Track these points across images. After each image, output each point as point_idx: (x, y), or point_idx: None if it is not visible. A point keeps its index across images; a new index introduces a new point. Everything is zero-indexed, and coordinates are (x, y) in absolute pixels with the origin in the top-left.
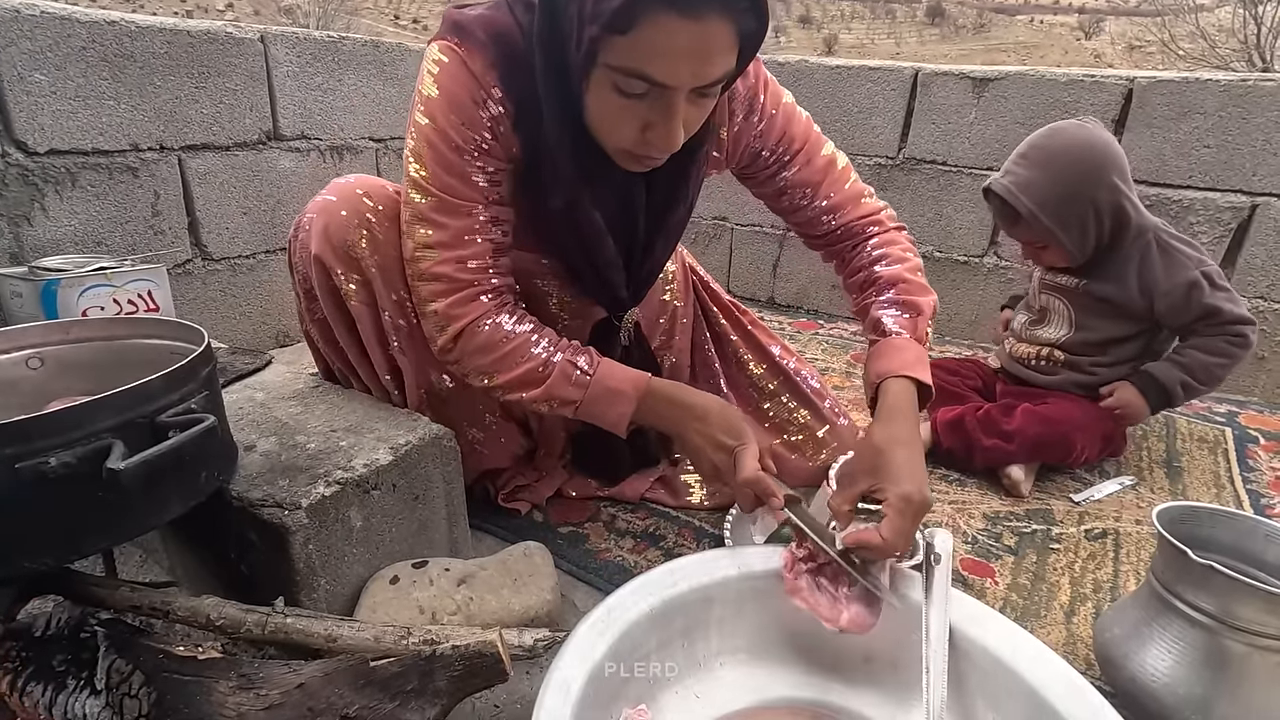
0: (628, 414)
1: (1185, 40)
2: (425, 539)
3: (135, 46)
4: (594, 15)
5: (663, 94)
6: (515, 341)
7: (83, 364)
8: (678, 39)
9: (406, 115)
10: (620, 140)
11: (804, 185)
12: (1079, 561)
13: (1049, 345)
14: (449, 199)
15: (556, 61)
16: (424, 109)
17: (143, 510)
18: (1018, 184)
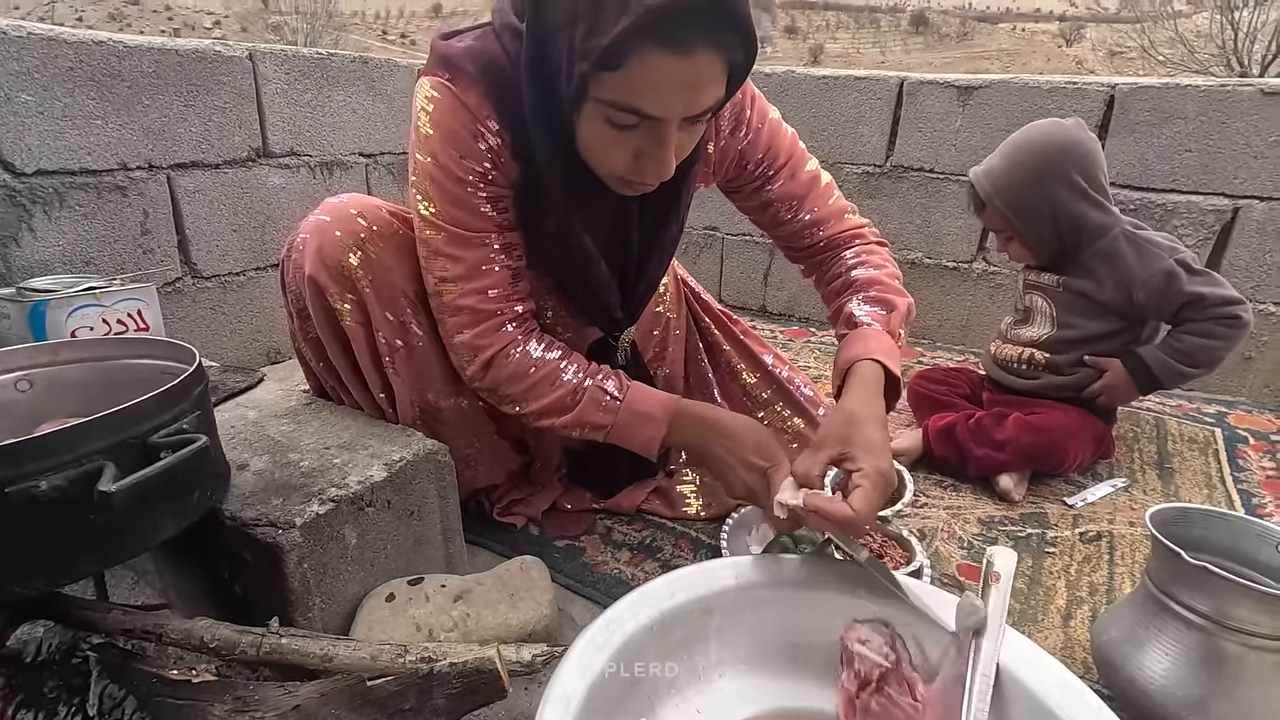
0: (658, 437)
1: (1165, 46)
2: (421, 555)
3: (123, 66)
4: (584, 53)
5: (654, 125)
6: (545, 369)
7: (72, 385)
8: (668, 73)
9: (396, 131)
10: (613, 168)
11: (789, 199)
12: (1074, 565)
13: (1030, 345)
14: (460, 232)
15: (546, 92)
16: (423, 147)
17: (135, 532)
18: (986, 171)
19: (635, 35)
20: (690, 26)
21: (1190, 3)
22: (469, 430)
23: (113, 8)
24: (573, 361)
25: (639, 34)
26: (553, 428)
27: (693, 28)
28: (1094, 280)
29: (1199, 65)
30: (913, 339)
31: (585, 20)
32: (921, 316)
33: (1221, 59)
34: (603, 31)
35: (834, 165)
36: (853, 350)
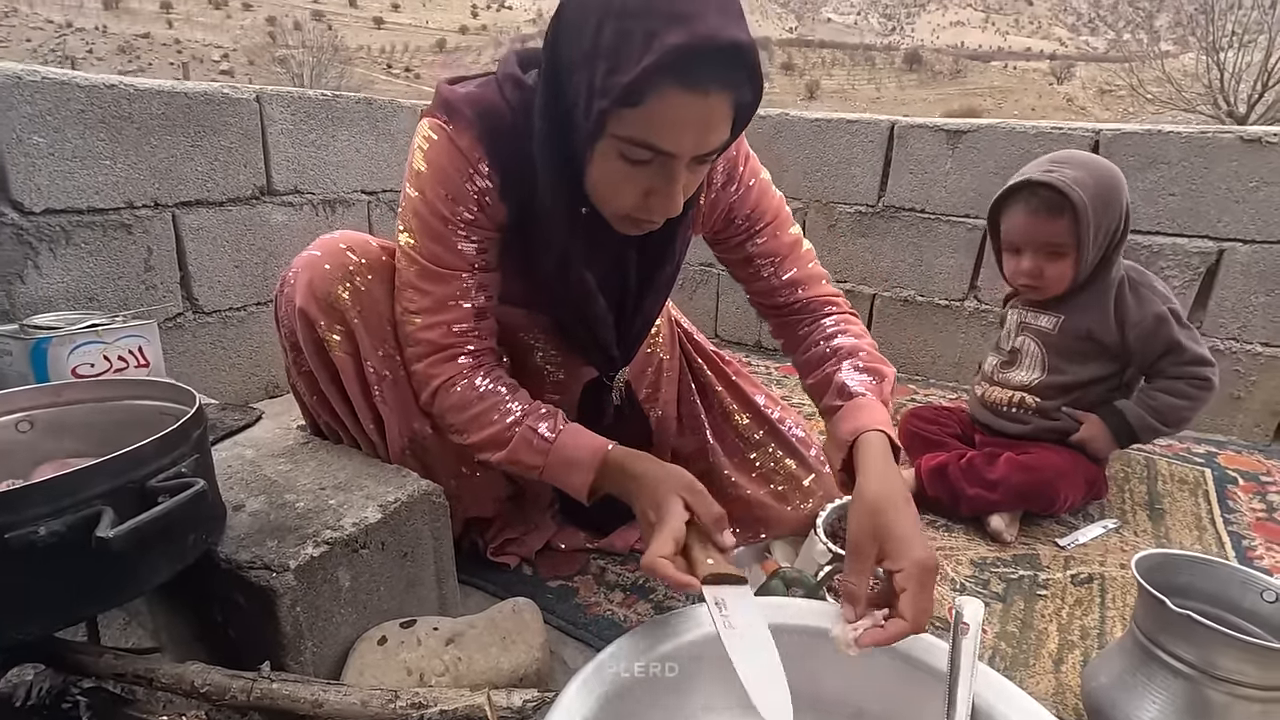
0: (586, 484)
1: (1152, 85)
2: (414, 597)
3: (133, 108)
4: (605, 89)
5: (666, 162)
6: (487, 401)
7: (73, 425)
8: (683, 112)
9: (398, 169)
10: (621, 206)
11: (770, 256)
12: (1066, 608)
13: (1021, 389)
14: (433, 267)
15: (558, 131)
16: (413, 183)
17: (131, 577)
18: (1075, 179)
19: (657, 74)
20: (707, 67)
21: (1177, 44)
22: (455, 460)
23: (123, 41)
24: (517, 399)
25: (660, 72)
26: (493, 463)
27: (709, 68)
28: (1098, 316)
29: (1186, 104)
30: (905, 376)
31: (606, 59)
32: (914, 354)
33: (1208, 98)
34: (625, 69)
35: (827, 204)
36: (857, 421)
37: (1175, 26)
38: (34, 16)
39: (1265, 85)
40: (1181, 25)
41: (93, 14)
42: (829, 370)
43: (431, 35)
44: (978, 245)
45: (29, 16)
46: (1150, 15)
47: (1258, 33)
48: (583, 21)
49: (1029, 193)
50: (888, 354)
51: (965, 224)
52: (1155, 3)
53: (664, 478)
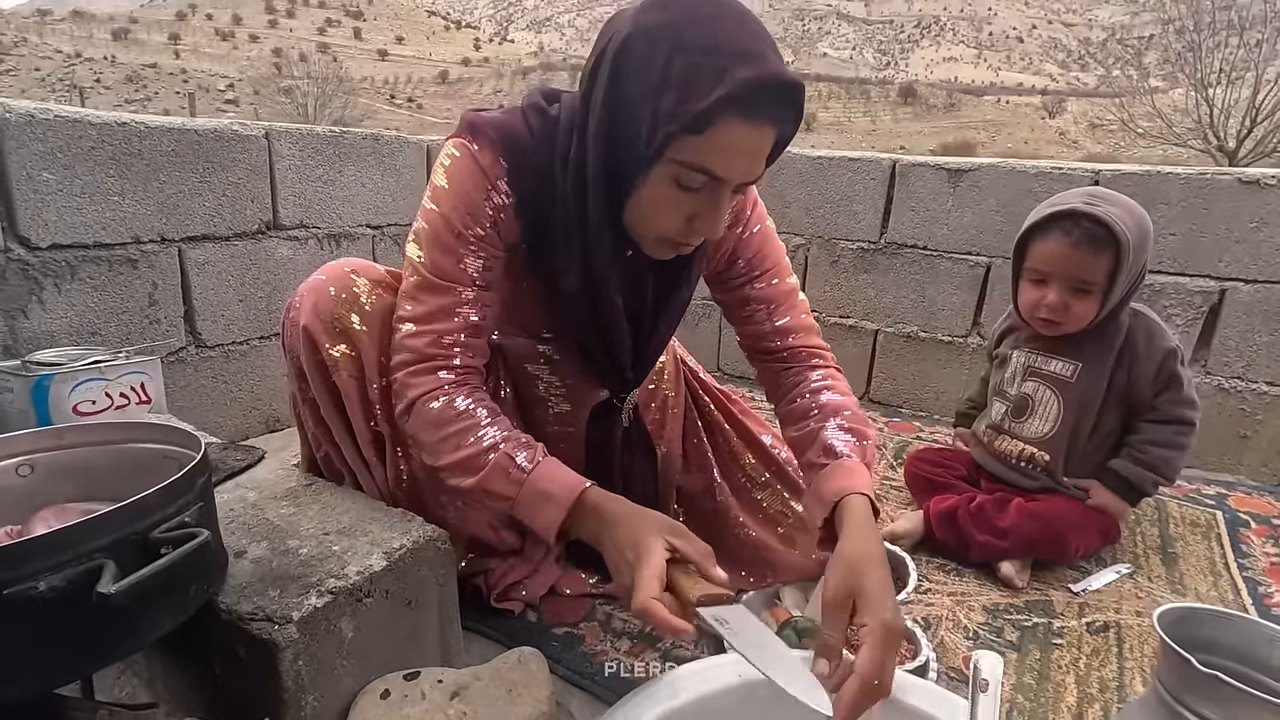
0: (556, 522)
1: (1143, 119)
2: (417, 646)
3: (143, 145)
4: (673, 116)
5: (714, 188)
6: (463, 422)
7: (74, 469)
8: (741, 141)
9: (404, 203)
10: (665, 228)
11: (766, 301)
12: (1083, 658)
13: (1033, 443)
14: (435, 279)
15: (613, 156)
16: (432, 196)
17: (131, 631)
18: (1114, 216)
19: (726, 105)
20: (767, 101)
21: (1165, 80)
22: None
23: (130, 70)
24: (496, 424)
25: (729, 104)
26: (462, 491)
27: (767, 102)
28: (1110, 364)
29: (1177, 138)
30: (909, 413)
31: (675, 90)
32: (917, 390)
33: (1198, 132)
34: (696, 99)
35: (830, 240)
36: (840, 482)
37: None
38: (43, 46)
39: (1254, 121)
40: (1170, 62)
41: (102, 44)
42: (813, 426)
43: (434, 67)
44: (980, 282)
45: (38, 46)
46: (1139, 52)
47: (1245, 70)
48: (651, 57)
49: (1071, 223)
50: (890, 390)
51: (967, 261)
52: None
53: (644, 518)
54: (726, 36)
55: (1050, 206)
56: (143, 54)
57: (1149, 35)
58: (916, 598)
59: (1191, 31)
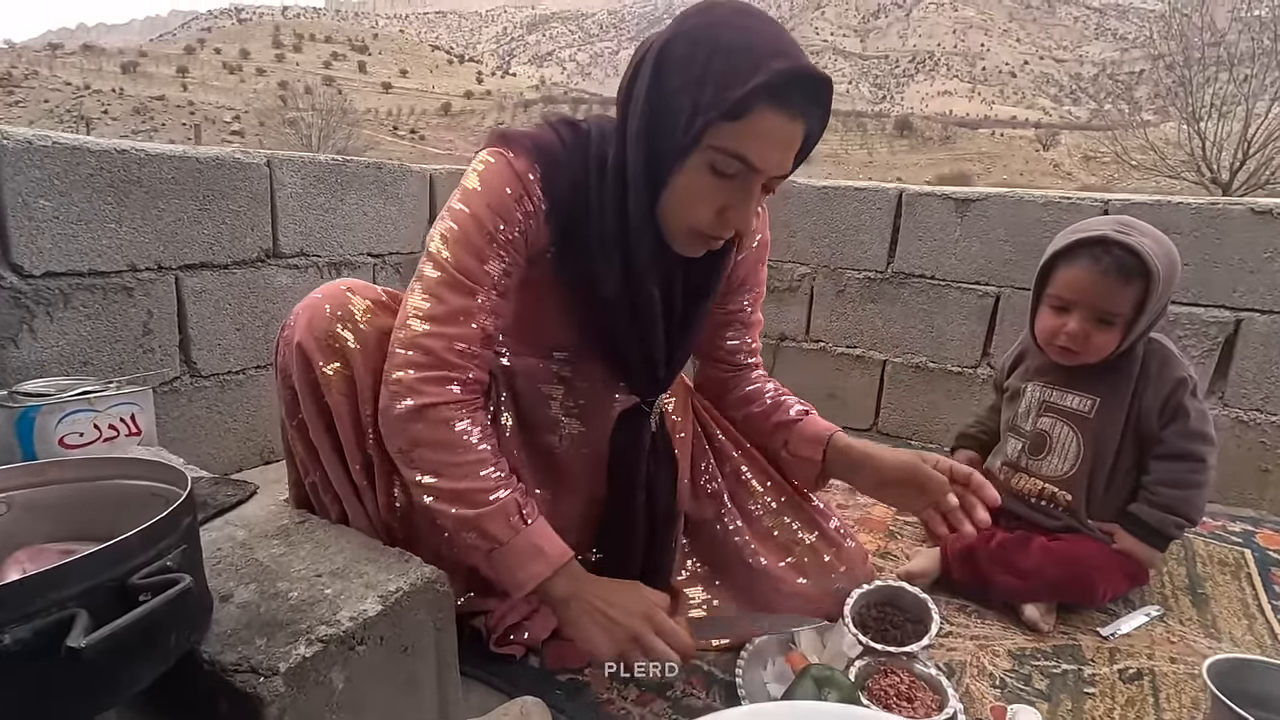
0: (541, 575)
1: (1137, 152)
2: (413, 696)
3: (142, 173)
4: (712, 104)
5: (747, 178)
6: (473, 455)
7: (54, 506)
8: (775, 130)
9: (406, 231)
10: (697, 219)
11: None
12: (1118, 709)
13: (1053, 482)
14: (459, 277)
15: (652, 150)
16: (462, 197)
17: (104, 687)
18: (1145, 247)
19: (761, 93)
20: (799, 94)
21: (1157, 113)
22: None
23: (138, 103)
24: (500, 465)
25: (764, 92)
26: (439, 516)
27: (801, 95)
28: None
29: (1170, 170)
30: (919, 444)
31: (714, 81)
32: (926, 422)
33: (1191, 165)
34: (734, 87)
35: (836, 270)
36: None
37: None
38: (53, 79)
39: (1246, 154)
40: (1161, 97)
41: (110, 77)
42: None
43: (437, 100)
44: (990, 312)
45: (48, 79)
46: (1129, 87)
47: (1235, 104)
48: (692, 56)
49: (1101, 250)
50: (899, 421)
51: (976, 291)
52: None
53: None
54: (761, 38)
55: (1079, 232)
56: (150, 86)
57: (1139, 70)
58: (938, 642)
59: (1181, 67)
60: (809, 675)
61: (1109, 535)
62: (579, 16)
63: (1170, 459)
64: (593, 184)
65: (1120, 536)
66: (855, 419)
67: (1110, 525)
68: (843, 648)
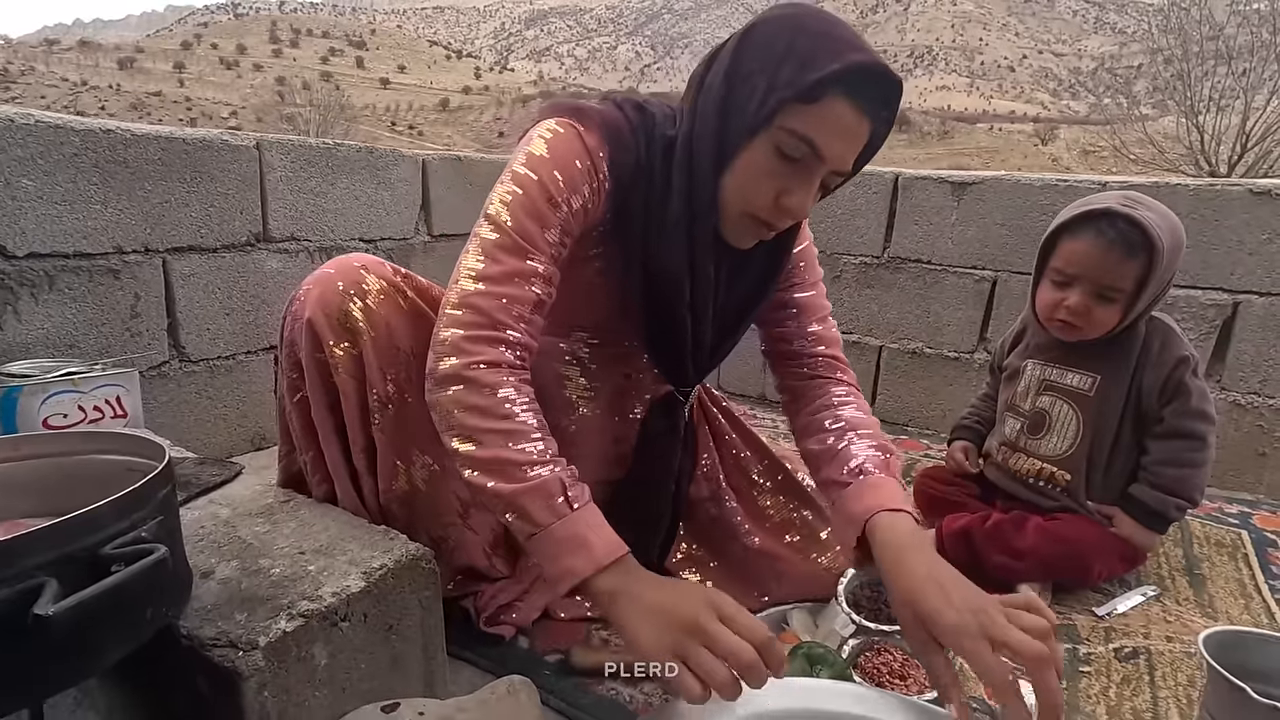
0: (582, 573)
1: (1135, 146)
2: (398, 674)
3: (128, 153)
4: (789, 83)
5: (809, 166)
6: (513, 424)
7: (30, 483)
8: (845, 121)
9: (398, 217)
10: (755, 201)
11: (803, 308)
12: (1113, 687)
13: (1051, 461)
14: (519, 240)
15: (723, 127)
16: (527, 163)
17: (75, 659)
18: (1150, 220)
19: (838, 79)
20: (873, 90)
21: (1155, 107)
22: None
23: (135, 98)
24: (548, 441)
25: (841, 79)
26: (478, 493)
27: (873, 92)
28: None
29: (1169, 164)
30: (915, 430)
31: (794, 61)
32: (923, 407)
33: (1190, 158)
34: (813, 69)
35: (832, 256)
36: (869, 500)
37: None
38: (49, 75)
39: (1244, 147)
40: (1159, 90)
41: (108, 73)
42: (833, 442)
43: (435, 95)
44: (986, 297)
45: (45, 75)
46: (1128, 81)
47: (1234, 97)
48: (775, 36)
49: (1106, 223)
50: (896, 407)
51: (973, 275)
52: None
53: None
54: (845, 31)
55: (1083, 205)
56: (148, 82)
57: (1138, 64)
58: None
59: (1180, 61)
60: (800, 653)
61: (1108, 518)
62: (577, 11)
63: (1170, 438)
64: (657, 166)
65: (1119, 520)
66: None
67: (1109, 508)
68: (835, 627)
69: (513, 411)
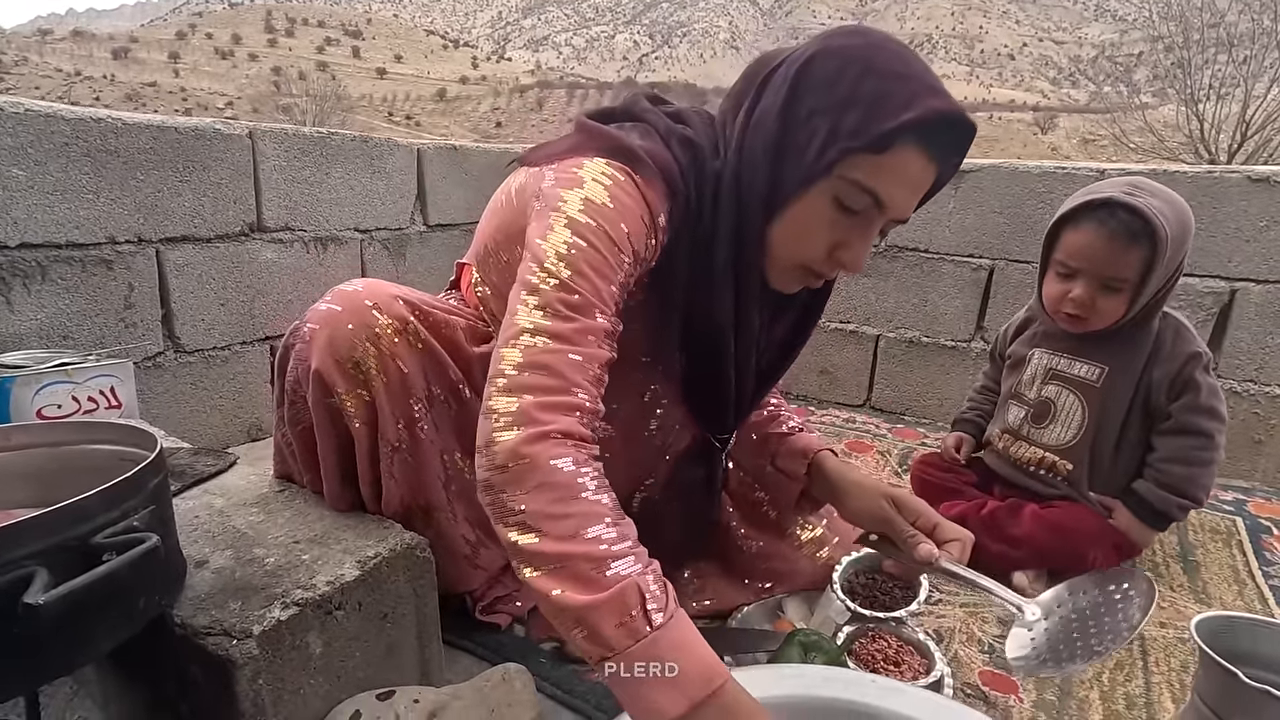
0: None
1: (1135, 135)
2: (394, 663)
3: (120, 143)
4: (855, 132)
5: (869, 217)
6: (585, 506)
7: (22, 474)
8: (912, 171)
9: (393, 207)
10: (808, 253)
11: None
12: (1106, 672)
13: (1053, 451)
14: (587, 297)
15: (775, 173)
16: (587, 209)
17: (66, 648)
18: (1153, 208)
19: (911, 129)
20: (944, 137)
21: (1155, 96)
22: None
23: (130, 89)
24: (624, 526)
25: (914, 129)
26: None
27: (946, 138)
28: (1139, 366)
29: (1169, 153)
30: (912, 419)
31: (861, 108)
32: (920, 397)
33: (1190, 146)
34: (884, 118)
35: None
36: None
37: (1153, 80)
38: (43, 65)
39: (1244, 135)
40: (1159, 78)
41: (102, 63)
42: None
43: (432, 85)
44: (983, 286)
45: (39, 65)
46: (1128, 69)
47: (1234, 85)
48: (840, 75)
49: (1107, 213)
50: (892, 397)
51: (970, 264)
52: (1133, 58)
53: None
54: (919, 68)
55: (1086, 194)
56: (142, 73)
57: (1138, 52)
58: (928, 609)
59: (1181, 48)
60: (795, 640)
61: (1108, 510)
62: (574, 0)
63: (1178, 434)
64: (706, 209)
65: (1119, 514)
66: (848, 395)
67: (1111, 500)
68: (830, 614)
69: (582, 484)
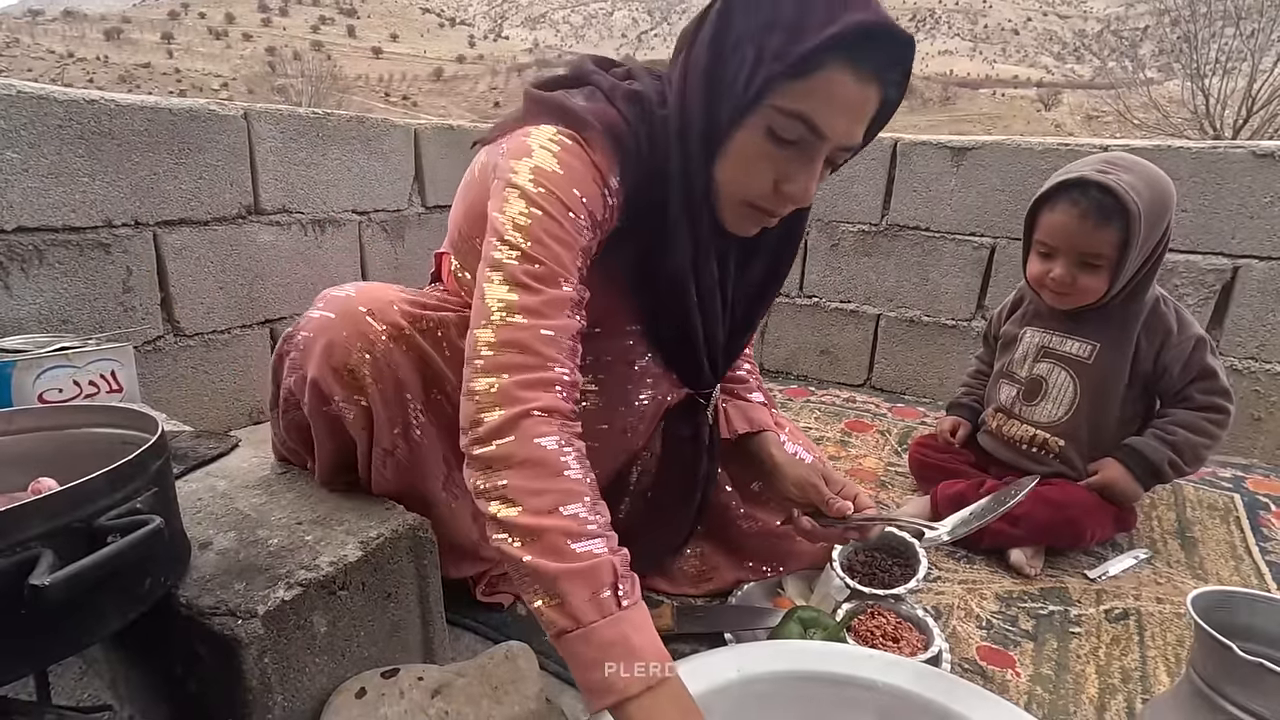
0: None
1: (1139, 111)
2: (398, 641)
3: (114, 124)
4: (778, 56)
5: (809, 147)
6: (564, 484)
7: (24, 457)
8: (845, 93)
9: (391, 188)
10: (751, 189)
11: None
12: (1103, 647)
13: (1045, 428)
14: (551, 266)
15: (712, 105)
16: (537, 178)
17: (72, 629)
18: (1124, 184)
19: (833, 47)
20: (878, 52)
21: (1161, 71)
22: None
23: (123, 70)
24: (598, 507)
25: (838, 46)
26: (511, 567)
27: (879, 54)
28: (1131, 345)
29: (1173, 129)
30: (912, 398)
31: (783, 30)
32: (920, 376)
33: (1195, 122)
34: (804, 39)
35: (830, 224)
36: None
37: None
38: (35, 47)
39: (1250, 110)
40: (1165, 53)
41: (94, 44)
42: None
43: (429, 65)
44: (985, 264)
45: (31, 47)
46: (1134, 44)
47: (1240, 60)
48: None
49: (1079, 192)
50: (893, 376)
51: (971, 242)
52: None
53: None
54: None
55: (1061, 175)
56: (136, 54)
57: (1144, 26)
58: (926, 586)
59: (1187, 22)
60: (794, 617)
61: (1094, 474)
62: None
63: (1195, 409)
64: (659, 158)
65: (1107, 467)
66: (849, 374)
67: (1098, 462)
68: (830, 591)
69: (562, 463)
